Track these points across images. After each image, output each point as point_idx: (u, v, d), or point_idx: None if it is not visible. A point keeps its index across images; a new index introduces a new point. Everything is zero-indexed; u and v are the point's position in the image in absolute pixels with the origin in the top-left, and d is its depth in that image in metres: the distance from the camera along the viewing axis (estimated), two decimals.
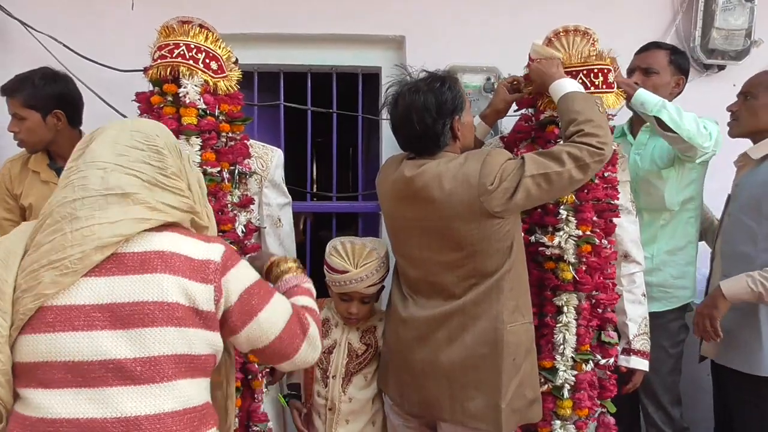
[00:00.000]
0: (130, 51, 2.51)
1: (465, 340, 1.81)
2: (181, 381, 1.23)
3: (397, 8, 2.85)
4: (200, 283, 1.25)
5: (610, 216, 2.05)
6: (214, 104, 1.89)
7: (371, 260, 2.03)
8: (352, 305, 2.07)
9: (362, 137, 3.11)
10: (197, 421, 1.26)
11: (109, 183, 1.24)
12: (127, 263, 1.22)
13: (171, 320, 1.21)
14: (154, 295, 1.20)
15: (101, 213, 1.22)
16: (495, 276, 1.80)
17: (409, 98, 1.82)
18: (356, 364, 2.11)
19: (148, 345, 1.19)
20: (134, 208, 1.24)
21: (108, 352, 1.18)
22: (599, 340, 2.07)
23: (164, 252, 1.24)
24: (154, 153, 1.32)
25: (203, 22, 1.96)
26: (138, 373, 1.19)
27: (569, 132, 1.81)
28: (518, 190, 1.73)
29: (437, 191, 1.77)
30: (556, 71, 1.96)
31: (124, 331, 1.18)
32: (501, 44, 2.73)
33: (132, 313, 1.19)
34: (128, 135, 1.32)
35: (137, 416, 1.18)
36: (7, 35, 2.70)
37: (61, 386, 1.18)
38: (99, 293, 1.19)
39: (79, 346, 1.18)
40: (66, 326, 1.18)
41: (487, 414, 1.79)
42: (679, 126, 2.10)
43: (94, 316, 1.18)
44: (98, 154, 1.28)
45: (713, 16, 2.81)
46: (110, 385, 1.18)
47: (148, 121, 1.45)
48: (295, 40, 2.88)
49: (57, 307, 1.19)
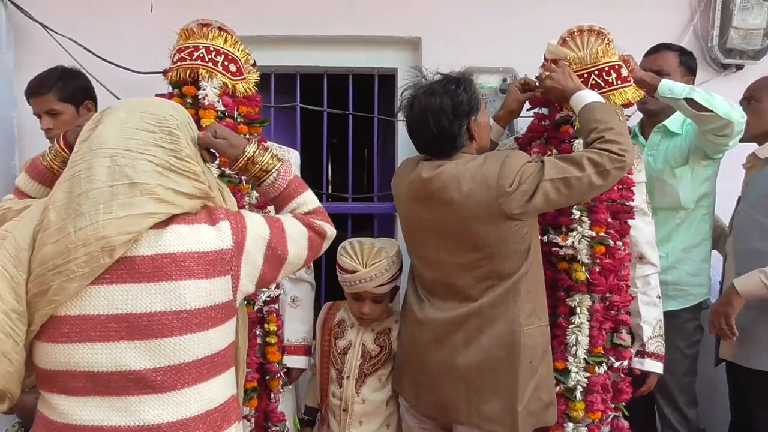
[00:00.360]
0: (148, 53, 2.53)
1: (482, 342, 1.81)
2: (204, 384, 1.24)
3: (413, 10, 2.85)
4: (218, 277, 1.25)
5: (626, 218, 2.04)
6: (232, 106, 1.91)
7: (380, 260, 2.03)
8: (364, 305, 2.08)
9: (378, 138, 3.11)
10: (220, 420, 1.27)
11: (116, 172, 1.18)
12: (138, 269, 1.18)
13: (191, 327, 1.20)
14: (173, 305, 1.19)
15: (106, 208, 1.16)
16: (512, 278, 1.80)
17: (424, 101, 1.82)
18: (370, 365, 2.11)
19: (167, 355, 1.19)
20: (141, 201, 1.18)
21: (127, 364, 1.17)
22: (612, 343, 2.06)
23: (176, 254, 1.20)
24: (166, 135, 1.25)
25: (222, 25, 1.97)
26: (159, 382, 1.19)
27: (590, 139, 1.80)
28: (537, 193, 1.72)
29: (455, 192, 1.77)
30: (573, 84, 1.95)
31: (142, 341, 1.17)
32: (517, 45, 2.72)
33: (150, 324, 1.17)
34: (138, 116, 1.25)
35: (160, 424, 1.19)
36: (28, 37, 2.74)
37: (84, 394, 1.18)
38: (113, 303, 1.17)
39: (98, 358, 1.17)
40: (82, 337, 1.16)
41: (504, 417, 1.79)
42: (713, 103, 2.08)
43: (110, 327, 1.17)
44: (105, 139, 1.21)
45: (731, 15, 2.79)
46: (132, 394, 1.18)
47: (160, 100, 1.36)
48: (311, 41, 2.89)
49: (72, 317, 1.17)
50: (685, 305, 2.42)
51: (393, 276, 2.07)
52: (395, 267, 2.07)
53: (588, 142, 1.81)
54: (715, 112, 2.08)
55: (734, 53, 2.87)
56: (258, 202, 1.99)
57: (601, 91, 1.99)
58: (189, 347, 1.21)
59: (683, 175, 2.38)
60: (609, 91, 2.01)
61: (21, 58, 2.73)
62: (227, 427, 1.29)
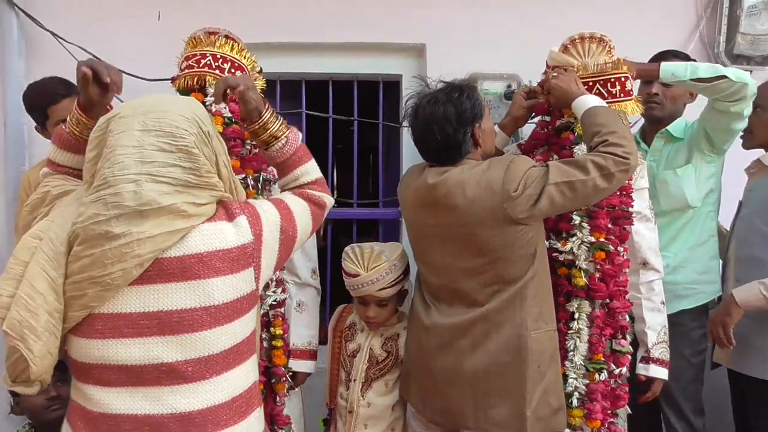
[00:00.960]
0: (156, 61, 2.55)
1: (488, 347, 1.81)
2: (230, 372, 1.32)
3: (418, 16, 2.87)
4: (242, 271, 1.33)
5: (625, 223, 2.03)
6: (239, 112, 1.92)
7: (380, 263, 2.05)
8: (369, 309, 2.10)
9: (383, 144, 3.13)
10: (244, 406, 1.35)
11: (143, 198, 1.22)
12: (167, 269, 1.25)
13: (219, 320, 1.28)
14: (201, 301, 1.26)
15: (138, 228, 1.22)
16: (518, 283, 1.80)
17: (428, 110, 1.83)
18: (376, 370, 2.12)
19: (197, 348, 1.27)
20: (170, 219, 1.25)
21: (159, 357, 1.25)
22: (612, 349, 2.05)
23: (202, 254, 1.27)
24: (184, 154, 1.28)
25: (229, 33, 1.99)
26: (189, 373, 1.27)
27: (594, 143, 1.80)
28: (542, 197, 1.72)
29: (460, 198, 1.77)
30: (577, 88, 1.96)
31: (173, 336, 1.25)
32: (521, 51, 2.72)
33: (180, 320, 1.25)
34: (154, 137, 1.26)
35: (190, 411, 1.27)
36: (39, 46, 2.78)
37: (118, 385, 1.26)
38: (145, 302, 1.24)
39: (131, 352, 1.24)
40: (116, 333, 1.24)
41: (512, 422, 1.79)
42: (719, 70, 2.09)
43: (142, 324, 1.24)
44: (126, 164, 1.24)
45: (738, 21, 2.79)
46: (164, 385, 1.26)
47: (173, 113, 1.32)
48: (316, 48, 2.91)
49: (105, 315, 1.24)
50: (697, 304, 2.41)
51: (396, 279, 2.09)
52: (397, 270, 2.09)
53: (592, 145, 1.81)
54: (728, 76, 2.08)
55: (741, 59, 2.87)
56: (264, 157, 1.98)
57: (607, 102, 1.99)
58: (217, 339, 1.29)
59: (687, 174, 2.38)
60: (610, 102, 2.01)
61: (32, 66, 2.77)
62: (251, 412, 1.37)
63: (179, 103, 1.38)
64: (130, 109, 1.31)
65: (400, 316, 2.20)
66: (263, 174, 1.98)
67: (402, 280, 2.12)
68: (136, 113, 1.30)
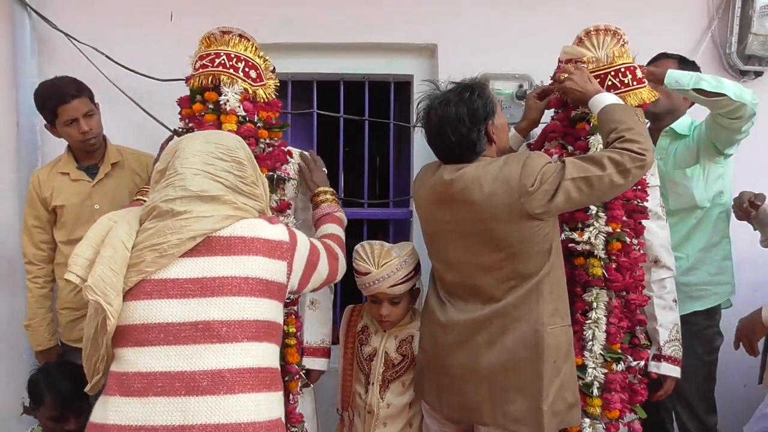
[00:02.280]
0: (169, 61, 2.58)
1: (505, 343, 1.81)
2: (257, 343, 1.43)
3: (429, 17, 2.87)
4: (277, 260, 1.52)
5: (640, 218, 2.05)
6: (253, 111, 1.93)
7: (391, 259, 2.07)
8: (382, 307, 2.11)
9: (393, 145, 3.13)
10: (269, 380, 1.45)
11: (203, 186, 1.47)
12: (215, 246, 1.44)
13: (253, 292, 1.43)
14: (241, 272, 1.43)
15: (197, 208, 1.44)
16: (535, 278, 1.81)
17: (441, 111, 1.84)
18: (393, 372, 2.14)
19: (233, 310, 1.40)
20: (223, 207, 1.47)
21: (198, 315, 1.38)
22: (630, 343, 2.06)
23: (246, 237, 1.47)
24: (236, 164, 1.54)
25: (243, 32, 2.00)
26: (224, 333, 1.38)
27: (610, 139, 1.81)
28: (558, 192, 1.73)
29: (477, 193, 1.78)
30: (592, 87, 1.96)
31: (213, 298, 1.39)
32: (533, 51, 2.72)
33: (222, 285, 1.40)
34: (213, 147, 1.54)
35: (221, 369, 1.36)
36: (51, 46, 2.79)
37: (155, 344, 1.37)
38: (192, 269, 1.41)
39: (173, 310, 1.38)
40: (162, 294, 1.39)
41: (529, 417, 1.79)
42: (722, 87, 2.08)
43: (187, 287, 1.40)
44: (191, 162, 1.50)
45: (750, 21, 2.78)
46: (198, 343, 1.37)
47: (229, 135, 1.67)
48: (328, 49, 2.92)
49: (155, 280, 1.40)
50: (711, 305, 2.41)
51: (407, 276, 2.10)
52: (408, 266, 2.10)
53: (608, 142, 1.82)
54: (727, 95, 2.07)
55: (753, 60, 2.86)
56: (278, 205, 2.01)
57: (617, 92, 2.00)
58: (251, 308, 1.42)
59: (696, 175, 2.38)
60: (624, 92, 2.01)
61: (44, 66, 2.78)
62: (275, 390, 1.46)
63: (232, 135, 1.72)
64: (194, 134, 1.67)
65: (413, 316, 2.20)
66: (277, 172, 1.99)
67: (413, 276, 2.13)
68: (200, 135, 1.64)
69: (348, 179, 3.10)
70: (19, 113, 2.75)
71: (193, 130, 1.94)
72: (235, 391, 1.36)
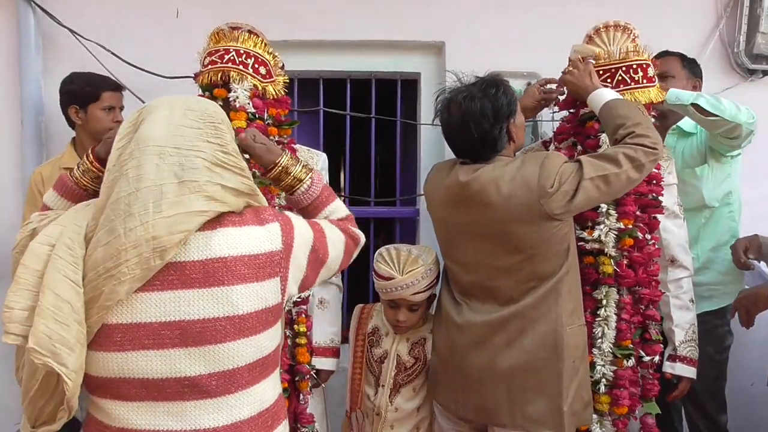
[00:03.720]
0: (175, 58, 2.56)
1: (524, 343, 1.81)
2: (256, 386, 1.25)
3: (437, 14, 2.85)
4: (268, 279, 1.24)
5: (654, 212, 2.04)
6: (262, 108, 1.92)
7: (417, 267, 2.00)
8: (400, 312, 2.06)
9: (400, 143, 3.12)
10: (270, 420, 1.29)
11: (164, 171, 1.17)
12: (190, 274, 1.17)
13: (243, 332, 1.20)
14: (225, 310, 1.18)
15: (155, 207, 1.14)
16: (553, 279, 1.80)
17: (464, 106, 1.81)
18: (404, 376, 2.11)
19: (221, 360, 1.19)
20: (191, 199, 1.17)
21: (182, 371, 1.17)
22: (642, 337, 2.05)
23: (227, 258, 1.18)
24: (211, 129, 1.24)
25: (252, 28, 1.99)
26: (213, 387, 1.19)
27: (619, 135, 1.81)
28: (578, 192, 1.73)
29: (495, 195, 1.77)
30: (591, 82, 1.96)
31: (196, 348, 1.17)
32: (541, 49, 2.72)
33: (203, 331, 1.17)
34: (181, 113, 1.23)
35: (215, 428, 1.20)
36: (56, 43, 2.77)
37: (138, 399, 1.18)
38: (166, 310, 1.16)
39: (152, 365, 1.16)
40: (136, 345, 1.15)
41: (550, 417, 1.79)
42: (719, 107, 2.08)
43: (163, 334, 1.16)
44: (153, 135, 1.19)
45: (758, 20, 2.77)
46: (186, 400, 1.18)
47: (199, 98, 1.35)
48: (334, 46, 2.90)
49: (124, 326, 1.15)
50: (722, 305, 2.41)
51: (430, 284, 2.05)
52: (432, 275, 2.05)
53: (617, 138, 1.82)
54: (722, 116, 2.07)
55: (761, 59, 2.85)
56: (287, 203, 1.99)
57: (627, 88, 2.01)
58: (242, 352, 1.21)
59: (704, 174, 2.39)
60: (634, 88, 2.01)
61: (49, 63, 2.76)
62: (277, 425, 1.31)
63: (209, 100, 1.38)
64: (158, 100, 1.29)
65: (425, 319, 2.17)
66: None
67: (435, 284, 2.09)
68: (165, 100, 1.29)
69: (354, 177, 3.07)
70: (23, 110, 2.73)
71: None
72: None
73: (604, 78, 2.04)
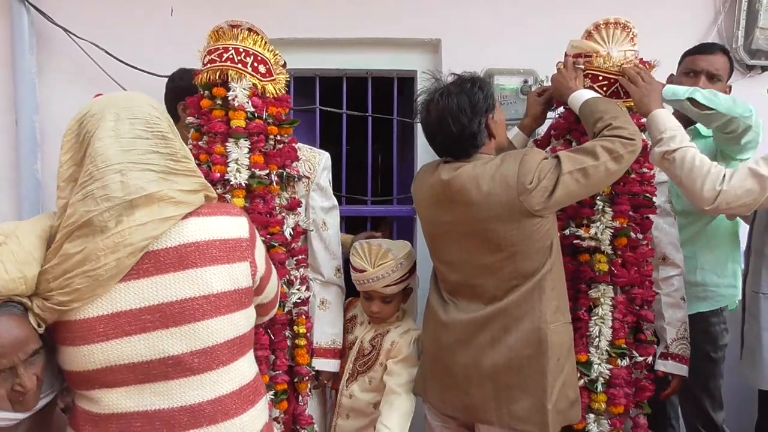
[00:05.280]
0: (169, 56, 2.54)
1: (508, 341, 1.81)
2: (235, 363, 1.32)
3: (433, 12, 2.84)
4: (238, 262, 1.32)
5: (647, 212, 2.04)
6: (262, 107, 1.89)
7: (387, 260, 2.08)
8: (373, 304, 2.14)
9: (397, 141, 3.10)
10: (252, 394, 1.37)
11: (130, 187, 1.22)
12: (164, 260, 1.23)
13: (219, 310, 1.28)
14: (200, 290, 1.25)
15: (129, 218, 1.21)
16: (536, 276, 1.81)
17: (441, 102, 1.83)
18: (362, 363, 2.16)
19: (201, 338, 1.26)
20: (160, 207, 1.24)
21: (165, 350, 1.23)
22: (635, 338, 2.06)
23: (199, 243, 1.27)
24: (160, 139, 1.28)
25: (252, 26, 1.96)
26: (196, 364, 1.26)
27: (597, 128, 1.83)
28: (557, 187, 1.73)
29: (475, 193, 1.77)
30: (575, 84, 1.99)
31: (177, 328, 1.24)
32: (538, 47, 2.70)
33: (182, 311, 1.24)
34: (128, 125, 1.26)
35: (200, 403, 1.27)
36: (50, 42, 2.75)
37: (125, 384, 1.24)
38: (145, 296, 1.22)
39: (136, 349, 1.22)
40: (119, 333, 1.22)
41: (534, 416, 1.79)
42: (713, 101, 2.06)
43: (144, 319, 1.22)
44: (107, 155, 1.23)
45: (757, 15, 2.78)
46: (171, 378, 1.25)
47: (139, 99, 1.34)
48: (330, 44, 2.88)
49: (106, 317, 1.21)
50: (717, 306, 2.40)
51: (401, 277, 2.12)
52: (403, 269, 2.12)
53: (595, 131, 1.84)
54: (717, 110, 2.06)
55: (760, 54, 2.85)
56: (288, 203, 1.98)
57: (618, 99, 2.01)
58: (219, 329, 1.28)
59: None
60: (625, 101, 2.03)
61: (43, 62, 2.74)
62: (258, 399, 1.39)
63: (142, 95, 1.38)
64: (98, 106, 1.30)
65: (399, 315, 2.23)
66: (287, 170, 1.95)
67: (408, 278, 2.16)
68: (107, 107, 1.29)
69: (351, 176, 3.06)
70: (17, 110, 2.70)
71: (201, 126, 1.90)
72: (218, 420, 1.28)
73: (601, 84, 2.04)
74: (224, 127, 1.86)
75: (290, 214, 1.97)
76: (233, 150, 1.85)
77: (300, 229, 2.02)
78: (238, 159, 1.85)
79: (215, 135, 1.87)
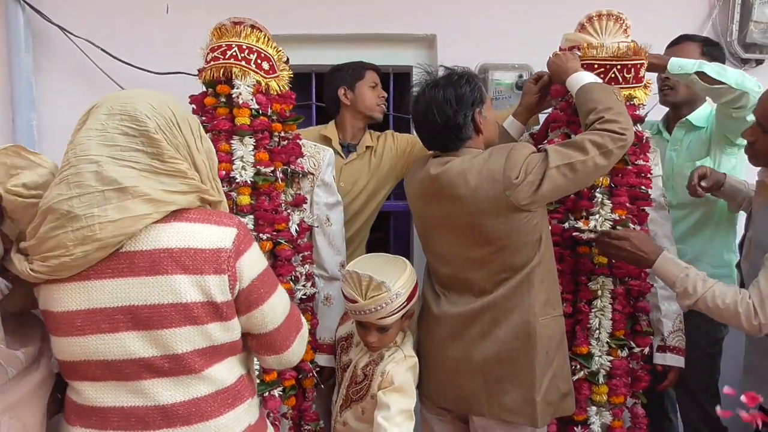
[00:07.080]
0: (166, 54, 2.54)
1: (498, 334, 1.82)
2: (210, 369, 1.28)
3: (428, 7, 2.85)
4: (213, 275, 1.24)
5: (643, 204, 2.05)
6: (266, 104, 1.90)
7: (380, 293, 1.80)
8: (370, 334, 1.89)
9: None
10: (231, 398, 1.32)
11: (105, 178, 1.19)
12: (138, 263, 1.21)
13: (188, 320, 1.23)
14: (170, 298, 1.21)
15: (101, 211, 1.18)
16: (525, 270, 1.81)
17: (428, 94, 1.84)
18: (354, 390, 1.95)
19: (170, 344, 1.23)
20: (134, 203, 1.20)
21: (136, 352, 1.23)
22: (632, 329, 2.07)
23: (173, 250, 1.22)
24: (145, 139, 1.24)
25: (255, 23, 1.96)
26: (167, 368, 1.24)
27: (589, 120, 1.82)
28: (544, 181, 1.73)
29: (463, 188, 1.78)
30: (572, 65, 1.98)
31: (146, 332, 1.22)
32: (533, 42, 2.71)
33: (151, 316, 1.22)
34: (117, 120, 1.24)
35: (173, 404, 1.25)
36: (46, 40, 2.74)
37: (103, 380, 1.26)
38: (118, 296, 1.22)
39: (109, 347, 1.23)
40: (94, 329, 1.23)
41: (523, 407, 1.81)
42: (724, 75, 2.05)
43: (117, 318, 1.22)
44: (87, 146, 1.22)
45: (751, 9, 2.79)
46: (144, 379, 1.24)
47: (141, 98, 1.29)
48: (326, 40, 2.89)
49: (83, 311, 1.22)
50: None
51: (399, 307, 1.85)
52: (401, 297, 1.84)
53: (587, 123, 1.83)
54: (728, 83, 2.05)
55: (754, 48, 2.87)
56: (294, 199, 1.99)
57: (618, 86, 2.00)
58: (188, 339, 1.24)
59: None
60: (622, 87, 2.02)
61: (39, 61, 2.73)
62: (239, 404, 1.33)
63: (152, 93, 1.34)
64: (103, 99, 1.30)
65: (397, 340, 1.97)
66: (292, 167, 1.96)
67: (406, 305, 1.88)
68: (107, 101, 1.29)
69: None
70: (14, 109, 2.69)
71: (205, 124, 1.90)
72: (192, 421, 1.26)
73: (597, 72, 2.03)
74: (229, 124, 1.86)
75: (295, 210, 1.98)
76: (238, 147, 1.86)
77: (305, 226, 2.02)
78: (243, 156, 1.85)
79: (220, 132, 1.87)
